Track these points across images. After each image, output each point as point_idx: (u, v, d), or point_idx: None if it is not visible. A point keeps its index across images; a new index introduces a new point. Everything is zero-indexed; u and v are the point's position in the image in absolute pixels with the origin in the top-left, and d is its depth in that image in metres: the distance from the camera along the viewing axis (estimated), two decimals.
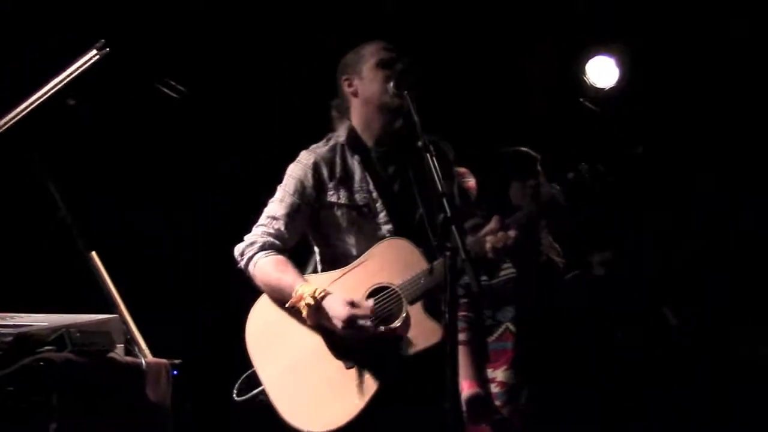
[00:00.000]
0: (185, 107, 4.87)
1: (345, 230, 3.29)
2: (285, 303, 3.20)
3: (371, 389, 3.10)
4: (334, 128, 3.42)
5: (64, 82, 3.49)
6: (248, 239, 3.32)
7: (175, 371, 3.47)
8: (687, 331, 5.00)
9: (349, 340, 3.13)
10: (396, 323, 3.12)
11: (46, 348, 3.05)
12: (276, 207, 3.32)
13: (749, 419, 4.90)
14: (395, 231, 3.25)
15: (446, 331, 2.71)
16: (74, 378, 3.04)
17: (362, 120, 3.35)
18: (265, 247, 3.28)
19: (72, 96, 4.10)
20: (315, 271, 3.38)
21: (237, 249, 3.33)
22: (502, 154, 4.18)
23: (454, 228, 2.71)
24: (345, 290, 3.16)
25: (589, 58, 5.46)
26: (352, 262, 3.23)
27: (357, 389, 3.10)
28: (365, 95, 3.31)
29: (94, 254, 3.62)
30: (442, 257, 2.79)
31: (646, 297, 5.03)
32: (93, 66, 3.49)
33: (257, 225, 3.34)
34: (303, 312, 3.15)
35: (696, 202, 5.48)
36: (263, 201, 3.39)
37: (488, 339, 3.91)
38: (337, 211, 3.29)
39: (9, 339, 3.04)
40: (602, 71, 5.45)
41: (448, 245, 2.71)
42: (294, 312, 3.19)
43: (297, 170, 3.33)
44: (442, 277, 2.75)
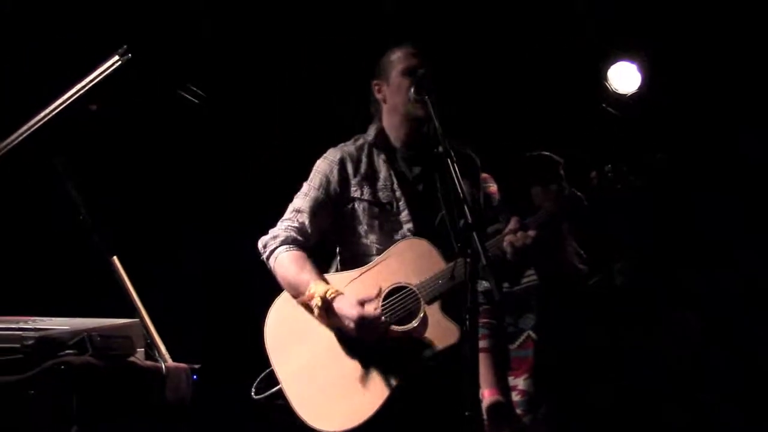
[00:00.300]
0: (203, 112, 4.88)
1: (365, 227, 3.29)
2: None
3: (388, 389, 3.10)
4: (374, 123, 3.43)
5: (86, 88, 3.51)
6: (272, 232, 3.35)
7: (195, 376, 3.48)
8: (712, 339, 4.94)
9: (365, 340, 3.13)
10: (413, 323, 3.12)
11: (68, 351, 3.07)
12: (301, 201, 3.35)
13: None
14: (416, 230, 3.26)
15: (467, 337, 2.70)
16: (95, 381, 3.05)
17: (390, 124, 3.38)
18: (287, 242, 3.30)
19: (94, 101, 4.11)
20: (336, 272, 3.38)
21: (261, 241, 3.36)
22: (525, 158, 4.17)
23: (475, 235, 2.71)
24: (363, 289, 3.16)
25: (611, 64, 5.44)
26: (371, 262, 3.24)
27: (373, 389, 3.11)
28: (392, 103, 3.34)
29: (116, 259, 3.63)
30: (462, 259, 2.79)
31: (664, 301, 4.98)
32: (115, 71, 3.51)
33: (282, 219, 3.37)
34: (314, 311, 3.17)
35: (717, 208, 5.43)
36: (280, 201, 3.41)
37: (510, 347, 3.89)
38: (359, 206, 3.31)
39: (31, 342, 3.07)
40: (624, 77, 5.42)
41: (469, 251, 2.70)
42: (311, 310, 3.21)
43: (323, 165, 3.37)
44: (461, 280, 2.75)
